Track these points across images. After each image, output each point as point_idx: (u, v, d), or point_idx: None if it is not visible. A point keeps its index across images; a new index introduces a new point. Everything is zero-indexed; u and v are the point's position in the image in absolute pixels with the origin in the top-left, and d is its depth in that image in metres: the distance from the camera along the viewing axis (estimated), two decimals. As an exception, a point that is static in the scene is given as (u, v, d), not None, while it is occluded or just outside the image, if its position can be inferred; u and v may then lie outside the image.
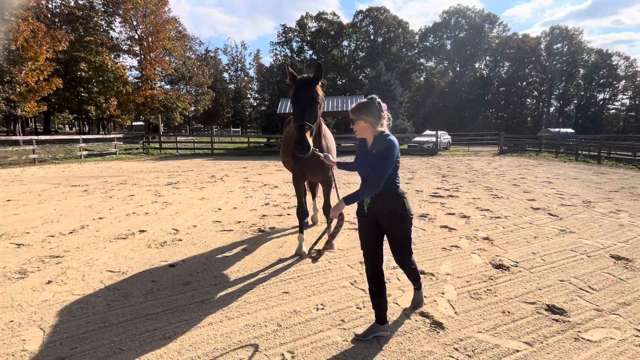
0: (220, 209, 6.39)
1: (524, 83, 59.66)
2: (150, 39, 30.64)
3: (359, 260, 3.81)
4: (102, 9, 30.63)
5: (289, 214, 5.96)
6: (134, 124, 47.78)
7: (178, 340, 2.40)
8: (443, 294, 3.06)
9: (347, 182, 9.24)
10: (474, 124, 51.98)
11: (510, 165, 14.20)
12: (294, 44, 64.15)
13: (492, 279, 3.34)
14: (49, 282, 3.33)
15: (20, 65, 21.32)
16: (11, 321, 2.66)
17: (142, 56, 31.45)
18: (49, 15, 28.55)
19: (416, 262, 3.70)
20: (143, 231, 5.00)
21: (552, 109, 62.63)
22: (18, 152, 16.37)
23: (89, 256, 4.02)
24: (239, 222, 5.48)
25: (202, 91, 40.50)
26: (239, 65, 67.05)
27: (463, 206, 6.46)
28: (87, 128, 47.57)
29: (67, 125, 57.15)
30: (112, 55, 31.88)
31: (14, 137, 18.28)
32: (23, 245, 4.42)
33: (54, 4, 29.99)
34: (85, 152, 18.58)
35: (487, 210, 6.14)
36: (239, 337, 2.42)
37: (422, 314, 2.72)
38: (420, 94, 58.39)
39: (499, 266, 3.64)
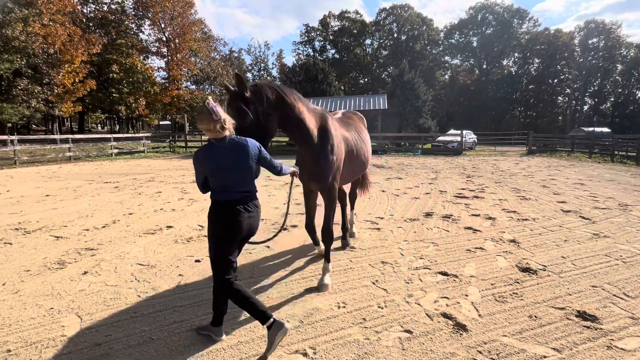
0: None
1: (555, 80, 57.12)
2: (177, 41, 31.57)
3: (381, 260, 3.80)
4: (133, 13, 31.82)
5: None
6: (161, 123, 49.40)
7: (204, 332, 2.49)
8: (467, 296, 3.01)
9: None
10: (501, 123, 50.35)
11: (539, 165, 13.67)
12: (317, 43, 64.30)
13: (518, 283, 3.25)
14: (85, 272, 3.53)
15: (57, 67, 22.52)
16: (51, 308, 2.84)
17: (169, 57, 32.45)
18: (84, 20, 29.99)
19: (440, 262, 3.68)
20: (170, 227, 5.19)
21: (585, 107, 59.69)
22: (55, 150, 17.31)
23: (121, 249, 4.21)
24: (262, 219, 5.57)
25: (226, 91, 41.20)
26: (262, 65, 67.90)
27: (488, 207, 6.29)
28: (117, 127, 49.65)
29: (99, 125, 59.88)
30: (141, 57, 33.06)
31: (52, 136, 19.35)
32: (61, 237, 4.69)
33: (88, 9, 31.46)
34: (115, 150, 19.41)
35: (514, 212, 5.96)
36: (262, 331, 2.48)
37: (445, 315, 2.69)
38: (445, 92, 57.11)
39: (525, 269, 3.54)
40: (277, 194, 7.86)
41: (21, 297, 3.02)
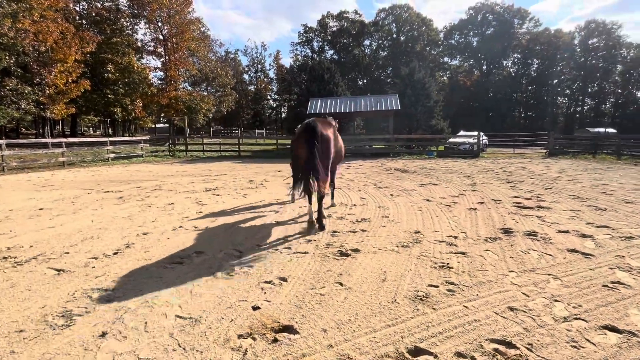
0: (277, 222, 5.53)
1: (555, 81, 56.98)
2: (174, 40, 30.42)
3: (507, 306, 2.81)
4: (128, 11, 30.61)
5: (353, 229, 5.02)
6: (156, 126, 48.04)
7: None
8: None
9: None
10: (502, 124, 49.78)
11: (574, 168, 12.88)
12: (315, 44, 63.56)
13: None
14: (104, 334, 2.49)
15: (49, 66, 21.26)
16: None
17: (167, 57, 31.30)
18: (77, 17, 28.71)
19: (587, 308, 2.63)
20: (200, 253, 4.16)
21: (586, 108, 59.65)
22: (47, 155, 16.10)
23: (145, 290, 3.18)
24: (310, 240, 4.59)
25: (225, 92, 40.18)
26: (259, 66, 66.97)
27: (568, 221, 5.37)
28: (110, 130, 48.18)
29: (91, 128, 58.22)
30: (137, 57, 31.88)
31: (43, 140, 18.10)
32: (63, 271, 3.64)
33: (81, 6, 30.18)
34: (112, 155, 18.31)
35: (604, 226, 5.03)
36: None
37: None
38: (445, 93, 56.58)
39: None
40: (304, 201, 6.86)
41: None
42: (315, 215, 5.17)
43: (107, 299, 3.02)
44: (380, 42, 61.98)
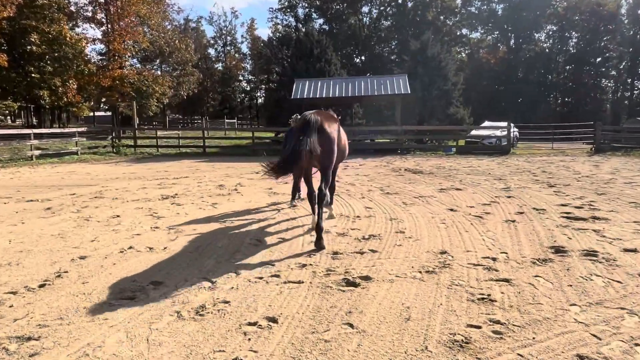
0: (258, 241, 5.37)
1: (599, 59, 58.18)
2: (119, 3, 29.95)
3: None
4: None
5: (360, 250, 4.88)
6: (96, 114, 47.24)
7: None
8: None
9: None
10: (534, 112, 50.32)
11: (629, 168, 13.17)
12: (300, 11, 63.59)
13: None
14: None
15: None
16: None
17: (109, 26, 30.81)
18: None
19: None
20: (158, 283, 3.95)
21: (636, 93, 61.19)
22: (-51, 152, 15.58)
23: (84, 338, 2.95)
24: (304, 265, 4.43)
25: (185, 71, 39.77)
26: (228, 38, 66.74)
27: (633, 236, 5.36)
28: (35, 120, 47.07)
29: (9, 117, 56.89)
30: (70, 25, 31.23)
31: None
32: (-32, 313, 3.37)
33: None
34: (37, 152, 17.93)
35: (682, 244, 5.02)
36: None
37: None
38: (464, 74, 57.26)
39: None
40: (296, 214, 6.71)
41: None
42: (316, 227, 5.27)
43: (30, 352, 2.78)
44: (382, 8, 62.42)
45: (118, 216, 6.90)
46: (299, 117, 5.20)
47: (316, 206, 5.16)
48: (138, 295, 3.71)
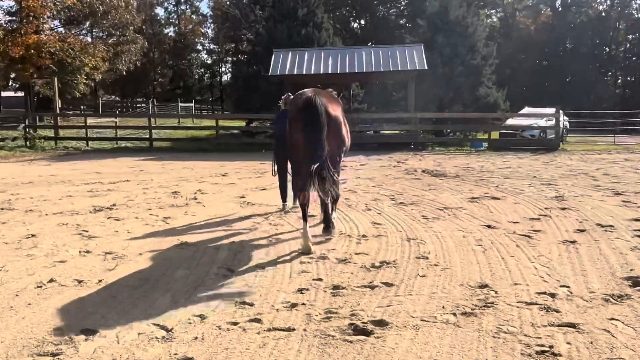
0: (228, 269, 5.32)
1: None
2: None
3: None
4: None
5: (370, 282, 4.66)
6: (2, 95, 46.55)
7: None
8: None
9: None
10: (586, 95, 50.42)
11: None
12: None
13: None
14: None
15: None
16: None
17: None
18: None
19: None
20: (91, 332, 3.68)
21: None
22: None
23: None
24: (294, 304, 4.25)
25: (125, 37, 39.42)
26: (183, -7, 66.09)
27: None
28: None
29: None
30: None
31: None
32: None
33: None
34: None
35: None
36: None
37: None
38: (496, 45, 57.35)
39: None
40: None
41: None
42: (312, 240, 5.93)
43: None
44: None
45: (34, 235, 6.84)
46: (292, 97, 5.27)
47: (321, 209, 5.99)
48: (64, 350, 3.43)
